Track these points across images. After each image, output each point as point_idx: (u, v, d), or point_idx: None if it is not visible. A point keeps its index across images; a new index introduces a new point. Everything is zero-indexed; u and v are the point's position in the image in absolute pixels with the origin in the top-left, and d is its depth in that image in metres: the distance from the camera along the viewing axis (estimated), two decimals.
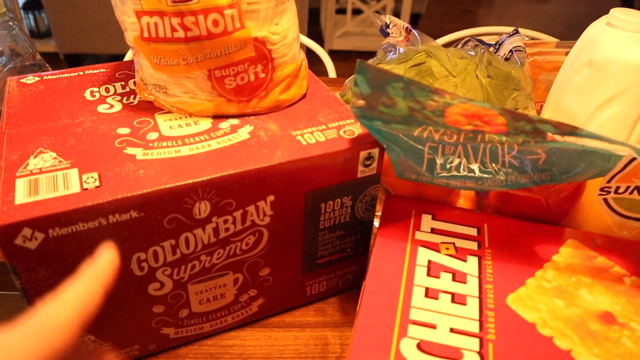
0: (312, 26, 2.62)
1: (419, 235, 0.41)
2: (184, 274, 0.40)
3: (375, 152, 0.41)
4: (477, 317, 0.35)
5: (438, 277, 0.38)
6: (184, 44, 0.39)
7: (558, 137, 0.36)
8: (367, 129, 0.39)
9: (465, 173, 0.40)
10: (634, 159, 0.38)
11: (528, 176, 0.39)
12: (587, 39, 0.57)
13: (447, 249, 0.40)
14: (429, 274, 0.38)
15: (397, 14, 2.56)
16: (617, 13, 0.54)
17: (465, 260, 0.39)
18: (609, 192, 0.41)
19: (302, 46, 1.04)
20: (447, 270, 0.38)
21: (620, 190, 0.40)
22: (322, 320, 0.48)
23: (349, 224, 0.45)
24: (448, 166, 0.39)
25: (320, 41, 2.55)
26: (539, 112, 0.62)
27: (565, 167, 0.39)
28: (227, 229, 0.39)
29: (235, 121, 0.43)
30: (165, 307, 0.41)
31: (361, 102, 0.38)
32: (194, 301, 0.42)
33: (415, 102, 0.36)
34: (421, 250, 0.40)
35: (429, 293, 0.36)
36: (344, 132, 0.42)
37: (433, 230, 0.42)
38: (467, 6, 3.25)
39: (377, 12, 2.39)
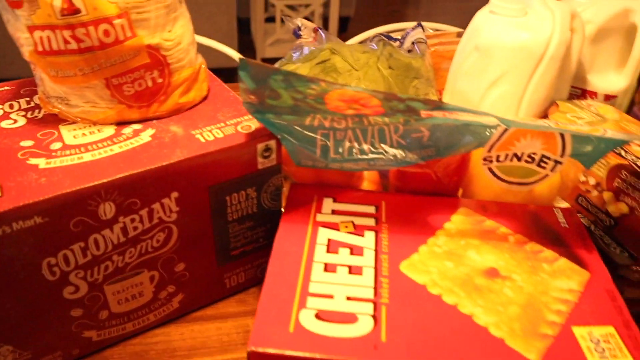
0: (243, 36, 2.64)
1: (320, 218, 0.44)
2: (98, 276, 0.41)
3: (273, 143, 0.44)
4: (372, 285, 0.38)
5: (337, 253, 0.40)
6: (78, 55, 0.41)
7: (430, 113, 0.40)
8: (261, 122, 0.42)
9: (357, 156, 0.43)
10: (505, 129, 0.42)
11: (415, 153, 0.43)
12: (474, 26, 0.61)
13: (346, 227, 0.43)
14: (328, 251, 0.41)
15: (325, 18, 2.61)
16: (498, 1, 0.59)
17: (362, 236, 0.42)
18: (491, 162, 0.44)
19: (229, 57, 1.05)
20: (346, 245, 0.41)
21: (500, 159, 0.44)
22: (244, 310, 0.50)
23: (257, 215, 0.47)
24: (340, 150, 0.42)
25: (252, 50, 2.57)
26: (440, 99, 0.67)
27: (447, 141, 0.42)
28: (135, 228, 0.41)
29: (138, 126, 0.45)
30: (84, 310, 0.42)
31: (252, 98, 0.41)
32: (113, 302, 0.44)
33: (297, 92, 0.39)
34: (322, 231, 0.42)
35: (328, 268, 0.39)
36: (242, 127, 0.44)
37: (333, 212, 0.45)
38: (396, 7, 3.34)
39: (307, 18, 2.43)
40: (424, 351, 0.34)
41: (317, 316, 0.35)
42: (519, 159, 0.44)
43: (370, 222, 0.44)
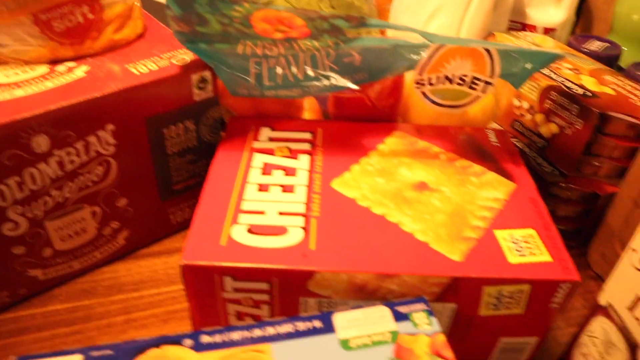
0: None
1: (256, 145, 0.45)
2: (38, 212, 0.42)
3: (207, 74, 0.44)
4: (304, 201, 0.39)
5: (271, 175, 0.41)
6: None
7: (358, 32, 0.40)
8: (194, 52, 0.42)
9: (291, 82, 0.43)
10: (439, 47, 0.43)
11: (348, 77, 0.44)
12: None
13: (282, 151, 0.44)
14: (263, 173, 0.42)
15: None
16: None
17: (297, 159, 0.43)
18: (424, 85, 0.45)
19: None
20: (280, 168, 0.42)
21: (433, 82, 0.45)
22: None
23: (198, 148, 0.48)
24: (274, 78, 0.43)
25: None
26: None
27: (379, 65, 0.43)
28: (72, 161, 0.41)
29: (72, 63, 0.44)
30: (26, 248, 0.43)
31: (181, 25, 0.41)
32: (55, 238, 0.44)
33: (223, 16, 0.39)
34: (257, 156, 0.43)
35: (261, 188, 0.40)
36: (176, 60, 0.44)
37: (270, 139, 0.45)
38: None
39: None
40: (350, 255, 0.35)
41: (249, 230, 0.36)
42: (450, 81, 0.45)
43: (306, 146, 0.45)
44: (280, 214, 0.38)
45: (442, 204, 0.40)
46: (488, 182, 0.42)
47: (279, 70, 0.43)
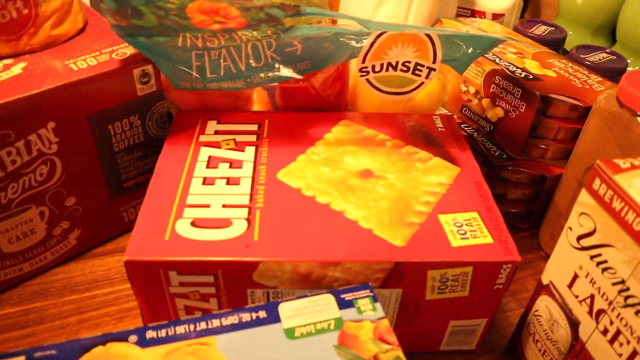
0: None
1: (202, 138, 0.44)
2: None
3: (149, 68, 0.44)
4: (248, 192, 0.39)
5: (216, 168, 0.41)
6: None
7: (292, 20, 0.40)
8: (134, 46, 0.42)
9: (234, 74, 0.43)
10: (379, 34, 0.43)
11: (291, 67, 0.44)
12: None
13: (228, 144, 0.44)
14: (208, 167, 0.41)
15: None
16: None
17: (243, 151, 0.43)
18: (368, 73, 0.46)
19: None
20: (226, 160, 0.42)
21: (376, 69, 0.45)
22: None
23: (145, 144, 0.47)
24: (217, 70, 0.43)
25: None
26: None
27: (321, 53, 0.43)
28: (13, 161, 0.41)
29: (8, 61, 0.43)
30: None
31: (118, 19, 0.40)
32: (3, 241, 0.43)
33: (158, 8, 0.39)
34: (203, 149, 0.43)
35: (206, 181, 0.40)
36: (116, 54, 0.44)
37: (216, 132, 0.45)
38: None
39: None
40: (293, 245, 0.35)
41: (193, 224, 0.36)
42: (394, 68, 0.46)
43: (252, 138, 0.45)
44: (224, 206, 0.38)
45: (386, 191, 0.40)
46: (433, 167, 0.43)
47: (221, 62, 0.43)
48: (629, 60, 0.61)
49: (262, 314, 0.32)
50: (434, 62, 0.45)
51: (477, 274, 0.36)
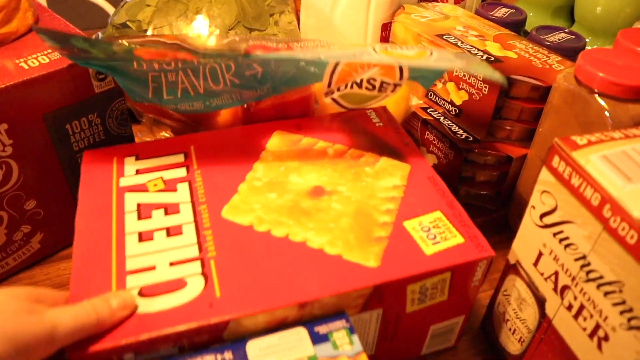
0: None
1: (123, 182, 0.39)
2: None
3: None
4: (195, 241, 0.35)
5: (150, 217, 0.36)
6: None
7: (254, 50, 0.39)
8: (88, 67, 0.40)
9: (191, 95, 0.41)
10: (336, 64, 0.41)
11: (251, 92, 0.42)
12: None
13: (155, 185, 0.39)
14: (140, 218, 0.36)
15: None
16: None
17: (175, 190, 0.39)
18: (333, 93, 0.45)
19: None
20: (159, 206, 0.37)
21: (341, 89, 0.44)
22: None
23: (107, 142, 0.46)
24: (174, 92, 0.41)
25: None
26: (298, 16, 0.66)
27: (282, 77, 0.41)
28: None
29: None
30: None
31: (64, 52, 0.38)
32: None
33: (104, 50, 0.37)
34: (128, 196, 0.38)
35: (143, 236, 0.35)
36: None
37: (138, 172, 0.40)
38: None
39: None
40: (262, 292, 0.32)
41: (141, 294, 0.31)
42: (359, 86, 0.44)
43: (181, 172, 0.40)
44: (172, 264, 0.33)
45: (343, 207, 0.38)
46: (383, 169, 0.41)
47: (179, 84, 0.40)
48: (587, 40, 0.62)
49: (227, 355, 0.30)
50: (401, 78, 0.43)
51: (455, 277, 0.35)
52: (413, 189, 0.40)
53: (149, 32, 0.60)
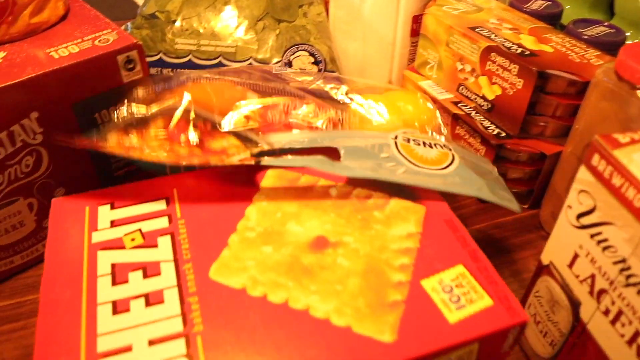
0: None
1: (96, 237, 0.34)
2: None
3: (134, 54, 0.43)
4: (179, 311, 0.29)
5: (126, 282, 0.31)
6: None
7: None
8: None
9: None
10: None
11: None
12: None
13: (133, 239, 0.33)
14: (114, 283, 0.31)
15: None
16: None
17: (156, 246, 0.33)
18: None
19: None
20: (136, 267, 0.32)
21: None
22: None
23: None
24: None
25: None
26: (327, 8, 0.65)
27: None
28: None
29: None
30: None
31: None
32: None
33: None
34: (101, 255, 0.32)
35: (118, 307, 0.29)
36: (99, 41, 0.43)
37: (113, 224, 0.34)
38: None
39: None
40: None
41: None
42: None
43: (163, 223, 0.34)
44: (152, 343, 0.28)
45: (350, 263, 0.32)
46: (394, 213, 0.35)
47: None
48: (627, 34, 0.59)
49: None
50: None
51: (483, 347, 0.30)
52: (430, 237, 0.34)
53: (178, 23, 0.60)
